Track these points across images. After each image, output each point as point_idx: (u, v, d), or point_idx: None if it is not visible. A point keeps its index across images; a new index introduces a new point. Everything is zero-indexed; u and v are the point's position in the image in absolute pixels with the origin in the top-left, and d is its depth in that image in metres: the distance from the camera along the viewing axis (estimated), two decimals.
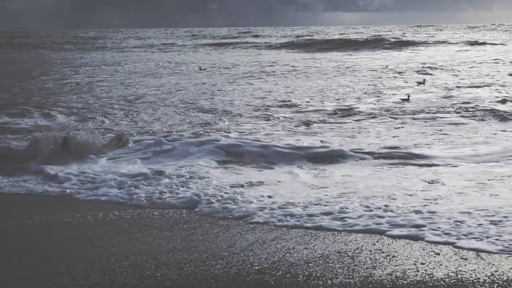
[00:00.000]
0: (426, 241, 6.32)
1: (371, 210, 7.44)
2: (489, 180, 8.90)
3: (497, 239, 6.26)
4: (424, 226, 6.76)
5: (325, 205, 7.72)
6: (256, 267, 5.66)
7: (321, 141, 12.30)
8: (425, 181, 8.96)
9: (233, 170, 10.16)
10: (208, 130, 13.83)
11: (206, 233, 6.81)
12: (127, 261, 5.87)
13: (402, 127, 14.40)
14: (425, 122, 14.95)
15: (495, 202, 7.63)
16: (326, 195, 8.26)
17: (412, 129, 13.99)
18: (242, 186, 8.92)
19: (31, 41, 75.27)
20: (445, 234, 6.50)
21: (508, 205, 7.45)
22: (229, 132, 13.39)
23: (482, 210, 7.25)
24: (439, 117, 15.64)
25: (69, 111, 17.68)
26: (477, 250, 6.00)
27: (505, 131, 13.52)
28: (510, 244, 6.09)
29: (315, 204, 7.77)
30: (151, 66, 36.67)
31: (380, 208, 7.53)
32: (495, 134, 13.20)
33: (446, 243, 6.23)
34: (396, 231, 6.64)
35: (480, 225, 6.73)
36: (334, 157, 10.87)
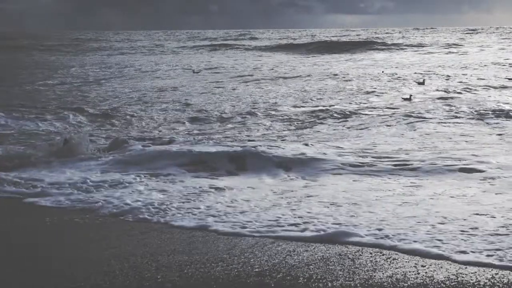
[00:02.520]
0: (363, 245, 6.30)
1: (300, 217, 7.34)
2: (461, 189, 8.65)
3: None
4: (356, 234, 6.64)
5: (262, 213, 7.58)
6: (257, 269, 5.65)
7: (307, 145, 12.16)
8: (400, 188, 8.81)
9: (199, 177, 9.91)
10: (199, 136, 13.87)
11: (206, 235, 6.81)
12: (127, 262, 5.86)
13: (389, 127, 14.46)
14: (418, 124, 14.93)
15: (463, 209, 7.51)
16: (281, 201, 8.13)
17: (402, 132, 13.95)
18: (199, 193, 8.71)
19: (26, 43, 75.02)
20: (382, 238, 6.48)
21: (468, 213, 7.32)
22: (215, 138, 13.37)
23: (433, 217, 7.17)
24: (432, 119, 15.65)
25: (67, 113, 17.66)
26: (415, 254, 6.00)
27: (500, 134, 13.50)
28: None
29: (254, 212, 7.62)
30: (146, 69, 36.51)
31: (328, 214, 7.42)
32: (488, 137, 13.11)
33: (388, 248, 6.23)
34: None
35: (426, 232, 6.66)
36: (312, 162, 10.51)
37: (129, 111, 17.95)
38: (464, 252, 6.02)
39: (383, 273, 5.51)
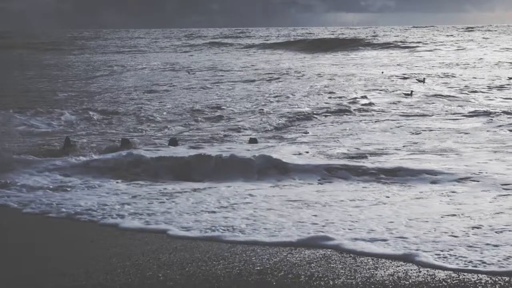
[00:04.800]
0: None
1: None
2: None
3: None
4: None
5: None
6: (258, 268, 5.65)
7: (296, 145, 12.06)
8: (375, 189, 8.66)
9: (172, 179, 9.75)
10: (192, 136, 13.86)
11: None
12: (129, 261, 5.87)
13: (381, 125, 14.60)
14: (412, 123, 14.90)
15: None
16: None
17: (394, 131, 13.91)
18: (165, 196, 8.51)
19: (25, 43, 74.74)
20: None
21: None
22: (205, 138, 13.36)
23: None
24: (428, 118, 15.68)
25: (67, 113, 17.64)
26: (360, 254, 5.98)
27: (492, 131, 13.45)
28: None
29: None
30: (144, 68, 36.35)
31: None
32: (480, 137, 12.96)
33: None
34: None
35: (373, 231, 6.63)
36: (292, 164, 10.09)
37: (127, 112, 17.94)
38: (436, 254, 5.90)
39: (384, 271, 5.52)
